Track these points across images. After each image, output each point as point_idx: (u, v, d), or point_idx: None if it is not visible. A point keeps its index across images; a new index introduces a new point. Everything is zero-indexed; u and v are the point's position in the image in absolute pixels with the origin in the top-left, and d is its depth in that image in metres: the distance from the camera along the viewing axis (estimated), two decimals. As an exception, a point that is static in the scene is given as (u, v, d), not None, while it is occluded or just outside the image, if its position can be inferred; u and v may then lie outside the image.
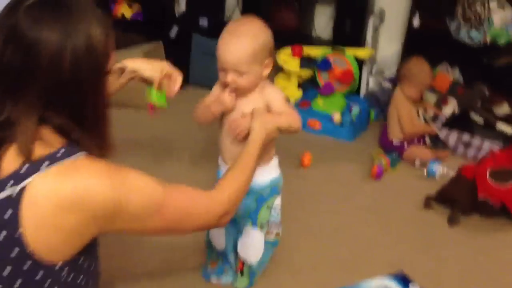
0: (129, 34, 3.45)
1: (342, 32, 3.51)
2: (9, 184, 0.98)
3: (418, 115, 3.01)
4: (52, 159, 1.00)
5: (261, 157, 1.60)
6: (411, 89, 2.93)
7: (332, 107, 3.23)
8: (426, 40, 3.17)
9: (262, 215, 1.77)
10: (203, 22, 3.70)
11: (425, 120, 3.05)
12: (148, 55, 3.29)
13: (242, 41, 1.56)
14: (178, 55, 3.57)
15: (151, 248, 2.03)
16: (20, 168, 0.98)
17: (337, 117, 3.15)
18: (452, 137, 3.04)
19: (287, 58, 3.42)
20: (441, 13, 3.29)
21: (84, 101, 1.06)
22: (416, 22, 3.32)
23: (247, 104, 1.64)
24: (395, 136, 2.98)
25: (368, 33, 3.43)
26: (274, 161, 1.80)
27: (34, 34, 0.99)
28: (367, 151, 2.99)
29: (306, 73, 3.42)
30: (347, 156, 2.96)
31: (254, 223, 1.77)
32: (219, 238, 1.85)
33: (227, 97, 1.62)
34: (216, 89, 1.72)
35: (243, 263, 1.85)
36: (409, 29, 3.34)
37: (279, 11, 3.65)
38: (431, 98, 3.20)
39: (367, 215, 2.42)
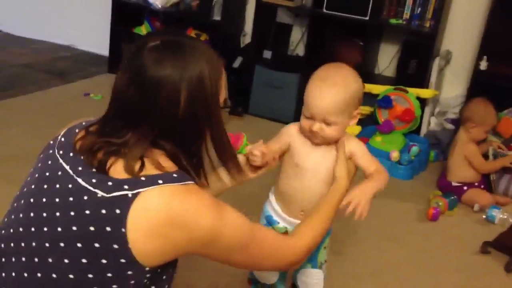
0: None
1: (406, 72, 3.49)
2: (125, 186, 1.07)
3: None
4: (166, 179, 1.09)
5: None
6: (477, 131, 2.87)
7: (390, 145, 3.20)
8: (492, 84, 3.12)
9: (321, 256, 1.74)
10: (267, 54, 3.77)
11: (495, 157, 2.97)
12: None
13: (336, 90, 1.48)
14: (240, 84, 3.66)
15: (201, 271, 2.04)
16: (136, 177, 1.08)
17: (395, 155, 3.11)
18: (514, 184, 2.94)
19: (348, 94, 3.42)
20: (509, 57, 3.22)
21: (196, 134, 1.18)
22: (483, 65, 3.28)
23: (324, 153, 1.57)
24: (455, 178, 2.91)
25: (432, 74, 3.40)
26: None
27: (154, 74, 1.10)
28: (424, 192, 2.93)
29: (366, 109, 3.41)
30: (403, 195, 2.90)
31: (314, 265, 1.74)
32: (269, 275, 1.78)
33: (256, 153, 1.53)
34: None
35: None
36: (476, 71, 3.30)
37: (343, 47, 3.67)
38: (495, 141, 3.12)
39: (418, 257, 2.35)
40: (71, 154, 1.16)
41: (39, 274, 1.09)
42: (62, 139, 1.22)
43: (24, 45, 4.88)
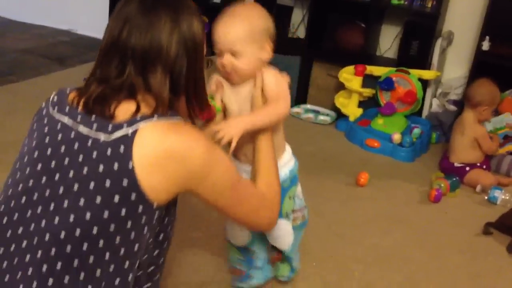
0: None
1: (408, 53, 3.46)
2: (124, 126, 1.15)
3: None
4: (160, 116, 1.18)
5: (281, 149, 1.64)
6: (487, 112, 2.87)
7: (392, 127, 3.19)
8: (494, 65, 3.10)
9: (286, 206, 1.69)
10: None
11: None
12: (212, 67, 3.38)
13: (237, 20, 1.50)
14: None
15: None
16: (133, 117, 1.17)
17: (396, 137, 3.11)
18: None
19: (349, 77, 3.41)
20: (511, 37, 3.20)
21: (184, 76, 1.25)
22: (485, 45, 3.25)
23: (247, 94, 1.56)
24: (459, 159, 2.91)
25: (434, 55, 3.38)
26: (288, 151, 1.71)
27: (147, 20, 1.19)
28: (426, 174, 2.93)
29: (368, 91, 3.39)
30: (405, 177, 2.90)
31: (279, 216, 1.61)
32: (239, 237, 1.78)
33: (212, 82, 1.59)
34: (216, 76, 1.61)
35: (278, 253, 1.82)
36: (478, 52, 3.27)
37: (345, 29, 3.64)
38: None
39: (421, 238, 2.36)
40: (67, 108, 1.23)
41: (56, 220, 1.14)
42: (55, 98, 1.28)
43: (24, 30, 4.86)
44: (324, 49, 3.65)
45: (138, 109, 1.18)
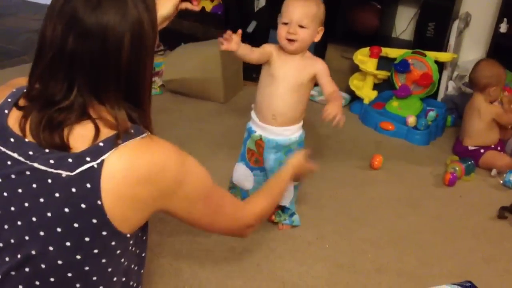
0: (207, 27, 3.51)
1: (424, 35, 3.41)
2: (88, 158, 1.03)
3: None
4: (124, 137, 1.06)
5: (296, 120, 2.01)
6: (496, 91, 2.84)
7: (407, 110, 3.16)
8: (512, 47, 3.05)
9: None
10: (282, 18, 3.70)
11: None
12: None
13: (309, 2, 1.90)
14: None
15: (217, 236, 2.06)
16: (94, 143, 1.04)
17: (411, 120, 3.08)
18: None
19: (365, 59, 3.37)
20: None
21: (139, 82, 1.13)
22: (503, 27, 3.20)
23: (294, 65, 1.94)
24: (474, 142, 2.88)
25: (451, 37, 3.33)
26: (301, 122, 2.07)
27: (96, 21, 1.03)
28: (441, 157, 2.91)
29: (383, 74, 3.36)
30: (419, 160, 2.88)
31: None
32: (246, 181, 2.10)
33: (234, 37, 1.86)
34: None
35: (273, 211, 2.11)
36: (495, 34, 3.23)
37: (360, 11, 3.60)
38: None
39: (435, 222, 2.35)
40: (12, 140, 1.07)
41: (26, 269, 1.07)
42: (5, 112, 1.11)
43: (36, 10, 4.85)
44: (338, 30, 3.61)
45: (97, 131, 1.05)
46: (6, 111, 1.11)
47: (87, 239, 1.05)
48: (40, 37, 1.08)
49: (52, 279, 1.06)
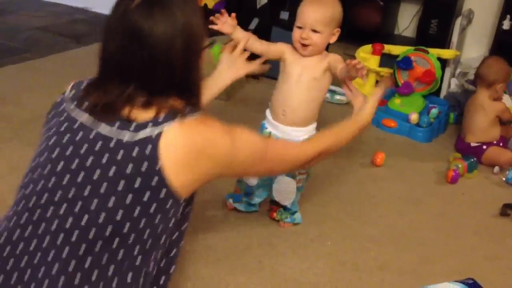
0: (209, 23, 3.49)
1: (427, 32, 3.41)
2: (149, 125, 1.15)
3: None
4: (182, 114, 1.19)
5: (307, 121, 2.00)
6: (501, 88, 2.84)
7: (409, 107, 3.15)
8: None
9: None
10: (284, 15, 3.70)
11: None
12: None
13: (324, 5, 1.88)
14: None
15: (219, 232, 2.06)
16: (156, 118, 1.17)
17: (414, 117, 3.07)
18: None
19: (367, 56, 3.37)
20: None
21: (192, 79, 1.27)
22: (506, 24, 3.20)
23: (308, 64, 1.94)
24: (477, 139, 2.87)
25: (454, 34, 3.32)
26: (314, 124, 2.06)
27: (149, 31, 1.15)
28: (443, 154, 2.90)
29: (385, 71, 3.35)
30: (422, 158, 2.88)
31: (288, 175, 2.03)
32: (251, 178, 2.07)
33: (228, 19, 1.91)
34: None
35: (276, 207, 2.15)
36: (498, 31, 3.22)
37: (362, 8, 3.59)
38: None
39: (438, 220, 2.34)
40: (84, 107, 1.22)
41: (83, 222, 1.14)
42: (70, 94, 1.27)
43: (40, 8, 4.86)
44: (340, 27, 3.60)
45: (157, 112, 1.18)
46: (82, 85, 1.27)
47: (145, 198, 1.15)
48: (102, 51, 1.21)
49: (108, 232, 1.14)
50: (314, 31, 1.88)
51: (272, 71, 3.66)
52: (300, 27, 1.90)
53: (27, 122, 2.75)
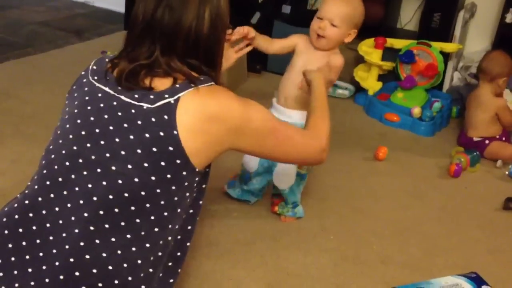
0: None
1: (429, 25, 3.40)
2: (166, 95, 1.22)
3: None
4: (198, 82, 1.25)
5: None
6: (504, 83, 2.83)
7: (412, 101, 3.15)
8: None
9: None
10: (286, 9, 3.68)
11: None
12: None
13: (348, 2, 1.92)
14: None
15: (222, 227, 2.05)
16: (173, 86, 1.23)
17: (416, 111, 3.07)
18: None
19: (369, 50, 3.36)
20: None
21: (215, 50, 1.34)
22: (509, 18, 3.19)
23: (315, 57, 1.95)
24: (479, 133, 2.87)
25: (457, 28, 3.31)
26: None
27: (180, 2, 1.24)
28: (446, 148, 2.90)
29: (388, 65, 3.34)
30: (424, 152, 2.87)
31: None
32: (251, 162, 2.09)
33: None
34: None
35: (278, 199, 2.17)
36: (501, 25, 3.21)
37: (365, 1, 3.56)
38: None
39: (440, 214, 2.34)
40: (107, 78, 1.28)
41: (104, 182, 1.20)
42: (94, 67, 1.33)
43: (40, 2, 4.85)
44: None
45: (175, 80, 1.24)
46: (106, 60, 1.33)
47: (163, 163, 1.20)
48: (132, 15, 1.28)
49: (126, 195, 1.20)
50: (332, 25, 1.91)
51: (273, 66, 3.67)
52: (320, 18, 1.94)
53: (28, 117, 2.74)
